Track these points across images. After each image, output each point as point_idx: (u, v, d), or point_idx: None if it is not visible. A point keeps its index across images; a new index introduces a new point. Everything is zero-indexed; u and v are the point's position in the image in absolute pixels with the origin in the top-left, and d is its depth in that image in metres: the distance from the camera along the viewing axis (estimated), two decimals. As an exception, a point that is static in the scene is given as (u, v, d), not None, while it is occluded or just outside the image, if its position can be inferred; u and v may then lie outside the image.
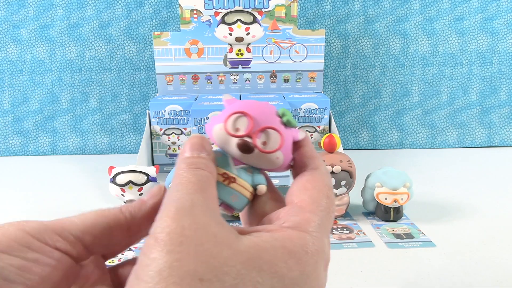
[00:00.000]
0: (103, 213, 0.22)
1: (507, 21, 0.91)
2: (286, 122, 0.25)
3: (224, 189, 0.23)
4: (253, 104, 0.25)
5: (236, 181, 0.24)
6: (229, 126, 0.24)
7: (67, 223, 0.21)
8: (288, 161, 0.25)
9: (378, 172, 0.59)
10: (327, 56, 0.92)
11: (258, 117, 0.24)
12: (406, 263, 0.48)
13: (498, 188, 0.71)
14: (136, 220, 0.22)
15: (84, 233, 0.21)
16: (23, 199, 0.69)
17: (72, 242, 0.20)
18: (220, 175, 0.23)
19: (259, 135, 0.24)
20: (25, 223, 0.20)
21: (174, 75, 0.83)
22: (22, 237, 0.19)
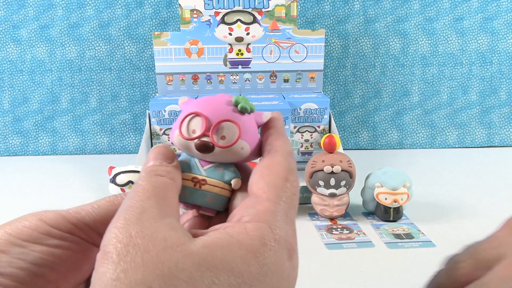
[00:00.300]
0: (114, 201, 0.23)
1: (507, 21, 0.91)
2: (241, 110, 0.24)
3: (197, 193, 0.23)
4: (205, 101, 0.24)
5: (207, 182, 0.23)
6: (184, 130, 0.24)
7: (82, 213, 0.22)
8: (257, 147, 0.25)
9: (378, 172, 0.59)
10: (327, 56, 0.92)
11: (211, 113, 0.23)
12: (406, 263, 0.48)
13: (498, 188, 0.71)
14: None
15: (96, 222, 0.22)
16: (23, 199, 0.69)
17: (87, 231, 0.22)
18: (190, 180, 0.23)
19: (215, 131, 0.23)
20: (43, 213, 0.21)
21: (174, 75, 0.83)
22: (42, 226, 0.20)
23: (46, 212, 0.21)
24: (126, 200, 0.19)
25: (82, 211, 0.22)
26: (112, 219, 0.19)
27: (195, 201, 0.23)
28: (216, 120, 0.23)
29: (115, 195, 0.23)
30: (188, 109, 0.24)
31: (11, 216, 0.21)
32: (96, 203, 0.23)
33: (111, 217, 0.21)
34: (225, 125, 0.23)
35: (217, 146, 0.23)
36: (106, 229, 0.22)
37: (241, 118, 0.24)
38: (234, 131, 0.23)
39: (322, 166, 0.58)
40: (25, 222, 0.20)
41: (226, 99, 0.24)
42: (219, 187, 0.24)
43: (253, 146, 0.24)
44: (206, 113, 0.23)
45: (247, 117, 0.24)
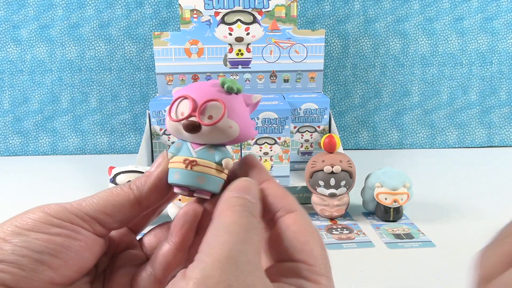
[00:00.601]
0: (114, 192, 0.24)
1: (507, 21, 0.91)
2: (227, 90, 0.24)
3: (188, 174, 0.24)
4: (194, 85, 0.25)
5: (198, 162, 0.24)
6: (173, 114, 0.24)
7: (83, 204, 0.23)
8: (247, 127, 0.25)
9: (378, 172, 0.59)
10: (327, 56, 0.92)
11: (197, 95, 0.24)
12: (406, 263, 0.48)
13: (498, 188, 0.71)
14: (143, 194, 0.24)
15: (97, 212, 0.23)
16: (23, 199, 0.69)
17: (88, 221, 0.22)
18: (181, 163, 0.24)
19: (202, 111, 0.23)
20: (46, 206, 0.22)
21: (174, 75, 0.83)
22: (44, 217, 0.22)
23: (49, 205, 0.22)
24: (222, 230, 0.20)
25: (83, 202, 0.23)
26: (204, 241, 0.19)
27: (186, 182, 0.24)
28: (202, 100, 0.24)
29: (115, 187, 0.24)
30: (175, 96, 0.25)
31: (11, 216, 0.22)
32: (97, 195, 0.23)
33: (110, 207, 0.23)
34: (211, 104, 0.24)
35: (202, 124, 0.23)
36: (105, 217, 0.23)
37: (227, 98, 0.24)
38: (221, 110, 0.23)
39: (322, 166, 0.58)
40: (30, 214, 0.22)
41: (213, 82, 0.25)
42: (210, 168, 0.24)
43: (243, 125, 0.24)
44: (193, 95, 0.24)
45: (235, 97, 0.24)
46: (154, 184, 0.24)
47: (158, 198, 0.25)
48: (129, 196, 0.24)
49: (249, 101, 0.25)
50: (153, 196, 0.24)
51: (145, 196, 0.24)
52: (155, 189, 0.24)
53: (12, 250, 0.20)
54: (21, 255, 0.20)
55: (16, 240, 0.20)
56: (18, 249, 0.20)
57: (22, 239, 0.20)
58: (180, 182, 0.24)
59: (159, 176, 0.24)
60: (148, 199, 0.24)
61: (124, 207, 0.23)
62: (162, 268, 0.23)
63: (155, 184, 0.24)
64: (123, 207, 0.23)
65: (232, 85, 0.24)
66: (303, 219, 0.23)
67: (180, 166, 0.24)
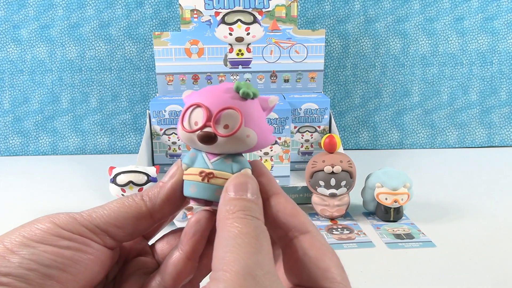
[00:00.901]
0: (125, 203, 0.22)
1: (507, 21, 0.91)
2: (242, 95, 0.23)
3: (205, 187, 0.22)
4: (206, 91, 0.23)
5: (215, 175, 0.22)
6: (186, 123, 0.23)
7: (93, 216, 0.22)
8: (265, 134, 0.23)
9: (378, 172, 0.59)
10: (327, 56, 0.92)
11: (211, 102, 0.22)
12: (406, 264, 0.48)
13: (498, 188, 0.71)
14: (156, 206, 0.23)
15: (107, 225, 0.22)
16: (24, 199, 0.69)
17: (98, 233, 0.22)
18: (197, 175, 0.23)
19: (217, 121, 0.22)
20: (55, 216, 0.21)
21: (174, 75, 0.83)
22: (53, 228, 0.21)
23: (58, 215, 0.21)
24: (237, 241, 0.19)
25: (93, 213, 0.22)
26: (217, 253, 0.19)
27: (203, 196, 0.22)
28: (217, 109, 0.22)
29: (126, 197, 0.23)
30: (189, 102, 0.23)
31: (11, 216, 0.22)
32: (107, 206, 0.22)
33: (121, 220, 0.22)
34: (227, 113, 0.22)
35: (219, 135, 0.22)
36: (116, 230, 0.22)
37: (243, 105, 0.22)
38: (237, 119, 0.22)
39: (322, 166, 0.58)
40: (38, 224, 0.21)
41: (226, 87, 0.23)
42: (227, 179, 0.23)
43: (261, 132, 0.23)
44: (206, 103, 0.22)
45: (251, 102, 0.23)
46: (167, 196, 0.23)
47: (171, 210, 0.24)
48: (141, 209, 0.23)
49: (266, 105, 0.24)
50: (167, 208, 0.23)
51: (158, 209, 0.23)
52: (168, 201, 0.23)
53: (19, 263, 0.19)
54: (29, 268, 0.19)
55: (24, 252, 0.19)
56: (25, 262, 0.19)
57: (29, 251, 0.20)
58: (197, 195, 0.23)
59: (173, 187, 0.23)
60: (161, 211, 0.23)
61: (135, 219, 0.22)
62: (172, 278, 0.23)
63: (169, 196, 0.23)
64: (134, 219, 0.22)
65: (247, 90, 0.23)
66: (318, 241, 0.22)
67: (196, 179, 0.23)
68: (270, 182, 0.23)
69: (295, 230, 0.22)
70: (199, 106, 0.23)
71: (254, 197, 0.21)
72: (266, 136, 0.24)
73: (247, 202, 0.21)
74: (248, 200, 0.21)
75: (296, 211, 0.23)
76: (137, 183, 0.57)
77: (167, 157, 0.79)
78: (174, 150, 0.79)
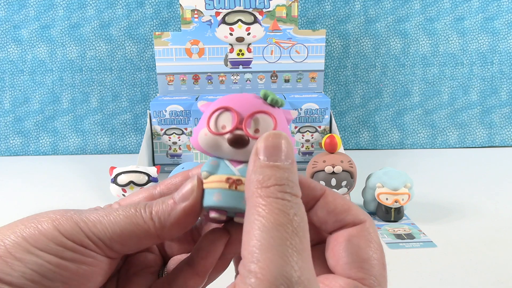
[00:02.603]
0: (133, 221, 0.21)
1: (507, 21, 0.91)
2: (271, 102, 0.22)
3: (233, 195, 0.21)
4: (230, 97, 0.22)
5: (243, 182, 0.21)
6: (213, 126, 0.21)
7: (98, 227, 0.20)
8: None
9: (378, 173, 0.59)
10: (328, 56, 0.92)
11: (240, 106, 0.21)
12: (407, 264, 0.48)
13: (499, 188, 0.71)
14: (165, 228, 0.21)
15: (112, 241, 0.20)
16: (24, 199, 0.69)
17: (102, 247, 0.20)
18: (224, 182, 0.21)
19: (248, 124, 0.21)
20: (59, 222, 0.20)
21: (175, 75, 0.83)
22: (57, 236, 0.19)
23: (62, 219, 0.20)
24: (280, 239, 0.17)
25: (99, 224, 0.20)
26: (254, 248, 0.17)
27: (230, 204, 0.21)
28: (248, 112, 0.21)
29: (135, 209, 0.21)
30: (212, 107, 0.22)
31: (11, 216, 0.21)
32: (113, 217, 0.21)
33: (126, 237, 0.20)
34: (259, 117, 0.21)
35: (252, 138, 0.21)
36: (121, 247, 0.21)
37: (274, 110, 0.22)
38: (269, 123, 0.21)
39: (323, 167, 0.58)
40: (40, 228, 0.19)
41: (252, 95, 0.22)
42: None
43: None
44: (235, 107, 0.21)
45: (278, 110, 0.22)
46: (178, 220, 0.21)
47: (181, 231, 0.22)
48: (149, 230, 0.21)
49: (289, 116, 0.23)
50: (176, 230, 0.21)
51: (167, 231, 0.21)
52: (178, 225, 0.21)
53: (23, 273, 0.18)
54: (32, 280, 0.18)
55: (27, 259, 0.18)
56: (28, 273, 0.18)
57: (32, 260, 0.18)
58: (223, 204, 0.21)
59: (185, 211, 0.21)
60: (169, 233, 0.21)
61: (141, 239, 0.21)
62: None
63: (180, 220, 0.21)
64: (140, 239, 0.21)
65: (276, 98, 0.22)
66: (368, 233, 0.21)
67: (222, 186, 0.21)
68: (311, 186, 0.22)
69: (350, 224, 0.21)
70: (227, 110, 0.21)
71: (289, 161, 0.19)
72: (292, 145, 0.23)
73: (283, 172, 0.18)
74: (283, 169, 0.18)
75: (348, 206, 0.21)
76: (137, 183, 0.57)
77: (167, 157, 0.79)
78: (174, 150, 0.79)
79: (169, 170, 0.77)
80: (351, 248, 0.20)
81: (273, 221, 0.17)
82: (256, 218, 0.17)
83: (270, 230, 0.17)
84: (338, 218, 0.21)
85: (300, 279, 0.16)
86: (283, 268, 0.16)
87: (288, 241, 0.17)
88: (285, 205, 0.17)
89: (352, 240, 0.20)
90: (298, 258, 0.16)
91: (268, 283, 0.16)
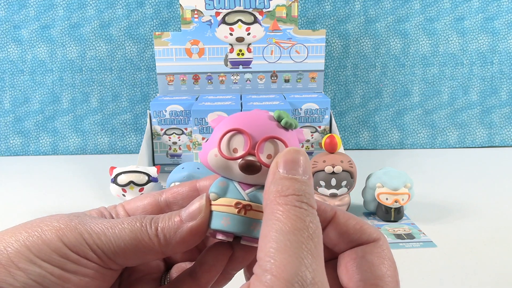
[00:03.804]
0: (138, 236, 0.20)
1: (507, 21, 0.91)
2: (285, 125, 0.21)
3: (241, 221, 0.20)
4: (243, 117, 0.21)
5: (252, 207, 0.20)
6: (224, 149, 0.21)
7: (102, 240, 0.20)
8: None
9: (378, 173, 0.59)
10: (328, 56, 0.92)
11: (254, 130, 0.21)
12: (407, 264, 0.48)
13: (498, 188, 0.71)
14: (170, 246, 0.21)
15: (116, 256, 0.20)
16: (24, 199, 0.69)
17: (106, 260, 0.20)
18: (233, 206, 0.21)
19: (261, 150, 0.21)
20: (62, 233, 0.20)
21: (175, 75, 0.83)
22: (61, 248, 0.19)
23: (66, 230, 0.20)
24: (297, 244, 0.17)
25: (103, 236, 0.20)
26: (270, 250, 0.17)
27: (238, 230, 0.20)
28: (261, 137, 0.20)
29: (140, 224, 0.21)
30: (225, 126, 0.21)
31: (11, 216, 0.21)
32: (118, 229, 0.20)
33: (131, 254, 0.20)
34: (272, 142, 0.21)
35: (264, 165, 0.20)
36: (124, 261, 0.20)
37: (286, 135, 0.21)
38: (282, 149, 0.20)
39: (323, 167, 0.58)
40: (44, 237, 0.19)
41: (266, 115, 0.22)
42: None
43: None
44: (248, 130, 0.21)
45: (291, 133, 0.22)
46: (184, 239, 0.21)
47: (185, 249, 0.21)
48: (153, 247, 0.20)
49: (302, 137, 0.22)
50: (181, 248, 0.21)
51: (171, 248, 0.21)
52: (183, 243, 0.21)
53: (24, 283, 0.18)
54: None
55: (29, 270, 0.18)
56: (30, 284, 0.18)
57: (35, 270, 0.18)
58: (231, 229, 0.20)
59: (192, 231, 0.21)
60: (173, 251, 0.21)
61: (145, 254, 0.21)
62: None
63: (186, 239, 0.21)
64: (144, 254, 0.21)
65: (290, 120, 0.21)
66: (382, 250, 0.21)
67: (231, 211, 0.21)
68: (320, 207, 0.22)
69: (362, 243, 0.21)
70: (240, 133, 0.21)
71: (307, 177, 0.19)
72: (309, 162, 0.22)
73: (300, 184, 0.19)
74: (301, 182, 0.19)
75: (360, 225, 0.22)
76: (138, 183, 0.57)
77: (167, 157, 0.79)
78: (174, 150, 0.79)
79: (169, 170, 0.77)
80: (364, 265, 0.20)
81: (290, 226, 0.17)
82: (273, 223, 0.18)
83: (287, 233, 0.17)
84: (351, 239, 0.22)
85: (314, 280, 0.16)
86: (299, 268, 0.16)
87: (303, 245, 0.17)
88: (302, 213, 0.18)
89: (365, 257, 0.21)
90: (312, 261, 0.17)
91: (284, 281, 0.16)
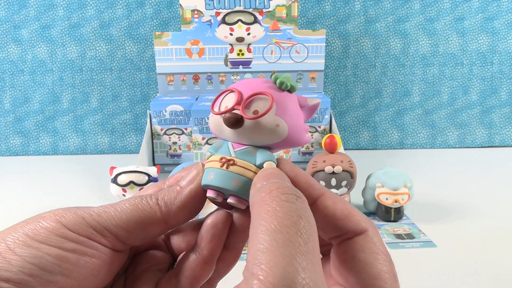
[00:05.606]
0: (139, 206, 0.21)
1: (507, 21, 0.91)
2: (279, 85, 0.21)
3: (223, 175, 0.21)
4: (243, 81, 0.22)
5: (235, 162, 0.21)
6: (216, 107, 0.22)
7: (103, 216, 0.20)
8: (298, 129, 0.22)
9: (378, 173, 0.59)
10: (328, 56, 0.92)
11: (244, 88, 0.21)
12: (407, 264, 0.48)
13: (498, 188, 0.71)
14: (172, 212, 0.21)
15: (118, 228, 0.20)
16: (24, 199, 0.69)
17: (107, 236, 0.20)
18: (217, 161, 0.21)
19: (247, 105, 0.21)
20: (61, 215, 0.20)
21: (175, 75, 0.83)
22: (59, 228, 0.19)
23: (65, 213, 0.20)
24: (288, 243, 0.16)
25: (104, 213, 0.20)
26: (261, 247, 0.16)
27: (219, 184, 0.21)
28: (249, 93, 0.21)
29: (140, 198, 0.21)
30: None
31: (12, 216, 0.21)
32: (119, 206, 0.21)
33: (133, 224, 0.20)
34: (258, 98, 0.21)
35: (245, 117, 0.20)
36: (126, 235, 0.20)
37: (277, 94, 0.21)
38: (267, 104, 0.21)
39: (323, 167, 0.58)
40: (43, 222, 0.19)
41: (265, 79, 0.22)
42: (248, 170, 0.21)
43: (293, 126, 0.21)
44: (240, 88, 0.21)
45: (287, 95, 0.22)
46: (184, 203, 0.21)
47: (187, 217, 0.22)
48: (155, 214, 0.21)
49: (304, 103, 0.22)
50: (182, 215, 0.21)
51: (173, 215, 0.21)
52: (185, 208, 0.21)
53: (21, 267, 0.18)
54: (30, 274, 0.18)
55: (26, 254, 0.18)
56: (27, 267, 0.18)
57: (32, 252, 0.18)
58: (213, 183, 0.21)
59: (191, 194, 0.21)
60: (176, 218, 0.21)
61: (148, 225, 0.21)
62: (189, 281, 0.22)
63: (186, 203, 0.21)
64: (147, 225, 0.21)
65: (284, 80, 0.21)
66: (373, 243, 0.20)
67: (216, 165, 0.21)
68: (309, 183, 0.21)
69: (350, 232, 0.21)
70: (232, 92, 0.22)
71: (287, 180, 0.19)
72: (299, 132, 0.22)
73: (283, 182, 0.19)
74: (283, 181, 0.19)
75: (348, 211, 0.21)
76: (138, 183, 0.58)
77: (167, 157, 0.79)
78: (174, 150, 0.79)
79: (169, 170, 0.78)
80: (358, 265, 0.20)
81: (276, 224, 0.17)
82: (259, 222, 0.17)
83: (273, 233, 0.16)
84: (337, 224, 0.21)
85: (305, 281, 0.15)
86: (286, 270, 0.15)
87: (291, 243, 0.16)
88: (289, 207, 0.17)
89: (357, 256, 0.20)
90: (302, 259, 0.16)
91: (270, 285, 0.15)
